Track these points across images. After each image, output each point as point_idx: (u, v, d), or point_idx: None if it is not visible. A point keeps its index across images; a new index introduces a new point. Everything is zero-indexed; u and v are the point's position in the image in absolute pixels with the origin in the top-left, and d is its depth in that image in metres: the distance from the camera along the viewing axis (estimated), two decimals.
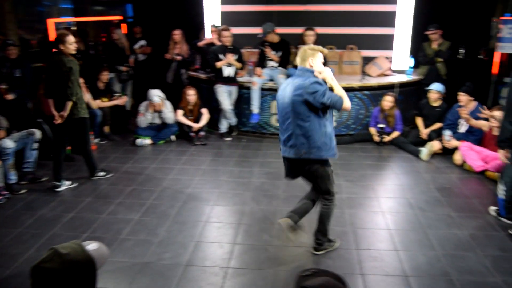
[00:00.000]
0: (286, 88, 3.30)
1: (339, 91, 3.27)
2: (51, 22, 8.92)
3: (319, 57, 3.33)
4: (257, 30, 6.86)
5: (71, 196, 4.68)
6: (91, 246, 1.87)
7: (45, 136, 5.51)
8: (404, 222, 4.08)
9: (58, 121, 4.74)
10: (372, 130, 6.45)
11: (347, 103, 3.26)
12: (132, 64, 8.09)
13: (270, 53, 6.55)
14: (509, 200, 3.94)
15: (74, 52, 4.67)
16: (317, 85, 3.17)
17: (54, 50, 4.72)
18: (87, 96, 6.06)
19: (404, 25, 7.47)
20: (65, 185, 4.92)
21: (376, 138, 6.35)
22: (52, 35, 8.75)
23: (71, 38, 4.62)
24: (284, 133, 3.39)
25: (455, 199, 4.56)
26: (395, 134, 6.31)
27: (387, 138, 6.30)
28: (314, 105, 3.16)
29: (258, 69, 6.65)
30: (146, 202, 4.51)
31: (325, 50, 3.40)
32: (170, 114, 6.55)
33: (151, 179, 5.14)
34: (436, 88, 6.20)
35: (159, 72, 8.16)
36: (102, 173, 5.20)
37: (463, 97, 5.74)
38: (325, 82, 3.30)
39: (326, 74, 3.31)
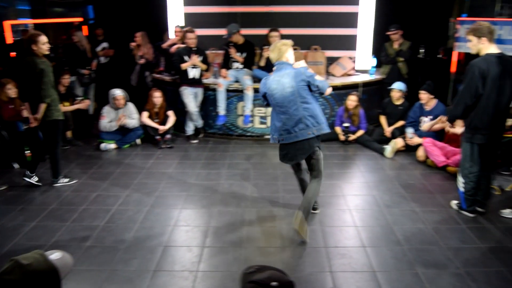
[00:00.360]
0: (282, 80, 3.75)
1: (319, 78, 3.83)
2: (7, 24, 8.59)
3: (291, 51, 3.90)
4: (221, 31, 6.84)
5: (33, 205, 4.51)
6: (54, 255, 1.81)
7: (3, 142, 5.31)
8: (371, 218, 4.15)
9: (34, 124, 4.69)
10: (338, 129, 6.55)
11: (329, 88, 3.90)
12: (94, 67, 7.90)
13: (235, 54, 6.54)
14: (469, 192, 4.08)
15: (47, 52, 4.61)
16: (308, 71, 3.77)
17: (12, 54, 4.59)
18: None
19: (366, 25, 7.63)
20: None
21: (342, 137, 6.45)
22: (8, 37, 8.43)
23: (43, 38, 4.55)
24: (289, 121, 3.77)
25: (419, 195, 4.68)
26: (360, 132, 6.43)
27: (352, 137, 6.41)
28: (311, 87, 3.76)
29: (224, 71, 6.63)
30: (111, 208, 4.41)
31: (292, 42, 3.96)
32: (135, 116, 6.45)
33: (116, 184, 5.04)
34: (398, 87, 6.35)
35: (122, 75, 8.00)
36: (65, 180, 5.05)
37: (424, 95, 5.91)
38: None
39: (302, 64, 3.86)
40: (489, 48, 3.84)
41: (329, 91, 3.90)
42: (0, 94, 5.60)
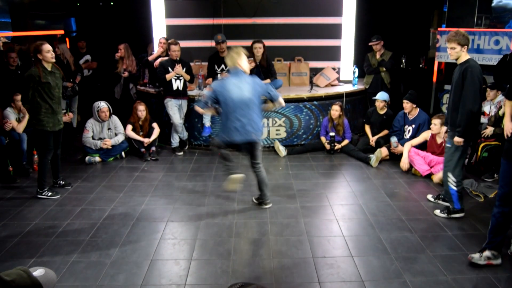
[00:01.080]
0: (241, 85, 4.23)
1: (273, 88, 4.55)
2: None
3: (245, 59, 4.36)
4: (205, 43, 6.87)
5: (15, 220, 4.42)
6: (37, 272, 1.79)
7: None
8: (358, 228, 4.17)
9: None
10: (323, 139, 6.60)
11: (281, 98, 4.55)
12: (78, 81, 7.81)
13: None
14: (460, 189, 4.22)
15: (52, 60, 4.80)
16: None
17: None
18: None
19: (348, 36, 7.73)
20: (46, 195, 4.98)
21: (327, 147, 6.49)
22: None
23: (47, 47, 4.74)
24: (237, 121, 4.23)
25: (405, 203, 4.73)
26: (345, 142, 6.48)
27: (337, 146, 6.46)
28: (267, 94, 4.41)
29: (210, 80, 6.64)
30: (96, 222, 4.34)
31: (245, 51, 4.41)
32: (120, 129, 6.41)
33: (101, 198, 4.97)
34: (381, 97, 6.44)
35: (105, 88, 7.94)
36: (49, 193, 4.97)
37: (407, 105, 6.00)
38: None
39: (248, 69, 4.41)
40: (467, 55, 4.07)
41: (281, 100, 4.54)
42: None
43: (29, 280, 1.71)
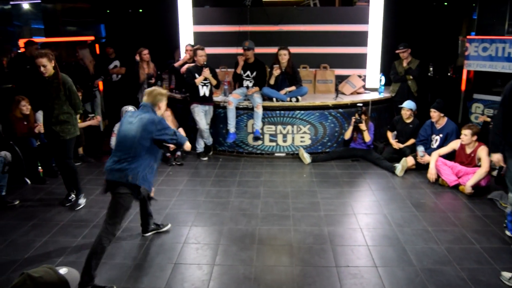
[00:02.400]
0: (133, 122, 3.46)
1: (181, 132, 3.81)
2: (22, 43, 8.77)
3: (165, 101, 3.71)
4: (231, 50, 6.92)
5: (44, 220, 4.54)
6: (61, 271, 1.85)
7: (17, 159, 5.37)
8: (382, 238, 4.11)
9: None
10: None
11: (187, 143, 3.84)
12: (96, 85, 7.94)
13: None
14: None
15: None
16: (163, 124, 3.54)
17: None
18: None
19: (375, 44, 7.67)
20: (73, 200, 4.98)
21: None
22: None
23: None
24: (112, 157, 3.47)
25: (431, 214, 4.64)
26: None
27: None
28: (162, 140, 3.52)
29: (235, 95, 6.65)
30: (122, 224, 4.40)
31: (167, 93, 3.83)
32: None
33: None
34: (407, 106, 6.35)
35: (133, 93, 8.08)
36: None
37: (434, 114, 5.90)
38: None
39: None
40: None
41: (187, 146, 3.82)
42: (14, 111, 5.69)
43: (56, 276, 1.76)
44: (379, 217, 4.59)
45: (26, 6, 10.07)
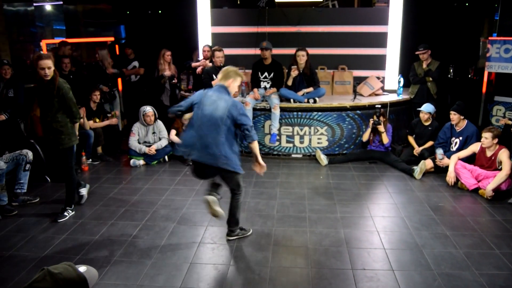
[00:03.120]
0: (217, 102, 3.73)
1: (250, 126, 3.87)
2: (44, 43, 8.96)
3: (238, 83, 3.92)
4: (249, 51, 6.93)
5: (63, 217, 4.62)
6: (80, 269, 1.88)
7: (38, 157, 5.47)
8: (399, 241, 4.07)
9: None
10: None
11: (255, 142, 3.91)
12: (114, 85, 8.04)
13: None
14: None
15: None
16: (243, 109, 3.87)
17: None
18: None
19: (394, 45, 7.60)
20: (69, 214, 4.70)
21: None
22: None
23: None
24: (202, 141, 3.72)
25: (450, 218, 4.57)
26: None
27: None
28: (239, 124, 3.75)
29: (255, 90, 6.68)
30: (139, 223, 4.46)
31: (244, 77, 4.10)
32: (164, 133, 6.59)
33: (144, 200, 5.11)
34: (426, 109, 6.27)
35: (152, 93, 8.17)
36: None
37: (454, 116, 5.81)
38: None
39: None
40: None
41: (255, 145, 3.86)
42: (35, 110, 5.80)
43: (75, 273, 1.80)
44: (396, 220, 4.54)
45: (48, 7, 10.28)
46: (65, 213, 4.64)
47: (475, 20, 8.71)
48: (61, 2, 10.17)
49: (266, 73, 6.73)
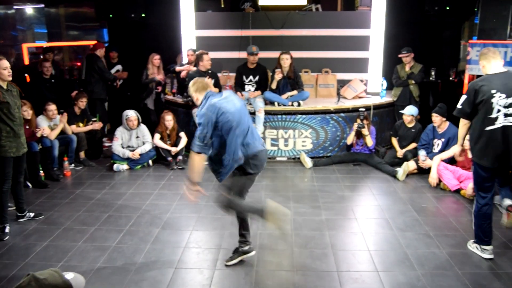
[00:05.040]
0: (229, 98, 3.50)
1: None
2: (25, 47, 8.84)
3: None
4: (233, 54, 6.92)
5: (45, 224, 4.54)
6: (67, 276, 1.87)
7: None
8: (384, 242, 4.10)
9: None
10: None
11: None
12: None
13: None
14: None
15: (8, 78, 4.18)
16: None
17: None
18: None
19: (377, 48, 7.68)
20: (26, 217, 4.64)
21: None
22: (25, 60, 8.66)
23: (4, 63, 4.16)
24: (251, 133, 3.58)
25: (433, 218, 4.63)
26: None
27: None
28: None
29: (239, 94, 6.68)
30: (123, 228, 4.41)
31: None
32: (147, 138, 6.53)
33: (128, 205, 5.05)
34: (408, 112, 6.33)
35: (135, 97, 8.11)
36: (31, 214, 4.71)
37: (436, 118, 5.89)
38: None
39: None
40: None
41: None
42: None
43: (61, 279, 1.79)
44: (380, 221, 4.58)
45: (29, 10, 10.12)
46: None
47: (455, 23, 8.86)
48: (43, 5, 10.02)
49: (251, 77, 6.73)
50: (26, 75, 7.82)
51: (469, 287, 3.32)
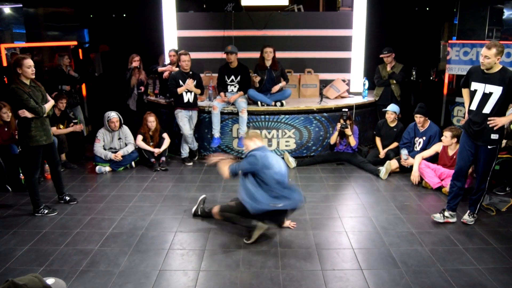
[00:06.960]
0: (276, 158, 4.15)
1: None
2: (3, 47, 8.65)
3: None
4: (216, 54, 6.90)
5: (25, 228, 4.45)
6: (48, 281, 1.83)
7: None
8: (367, 241, 4.13)
9: None
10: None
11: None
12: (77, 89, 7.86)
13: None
14: None
15: (32, 76, 4.51)
16: None
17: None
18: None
19: (358, 48, 7.75)
20: (43, 213, 4.78)
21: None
22: (4, 61, 8.47)
23: (28, 62, 4.45)
24: (287, 193, 4.07)
25: (415, 216, 4.68)
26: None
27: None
28: None
29: (222, 95, 6.68)
30: (106, 231, 4.36)
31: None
32: (130, 139, 6.46)
33: (110, 208, 4.99)
34: (391, 109, 6.41)
35: (118, 98, 8.02)
36: (45, 211, 4.82)
37: (420, 119, 5.99)
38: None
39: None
40: None
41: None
42: None
43: (41, 285, 1.75)
44: (364, 220, 4.61)
45: (7, 10, 9.94)
46: None
47: (435, 24, 9.00)
48: (21, 5, 9.85)
49: (233, 77, 6.72)
50: (4, 77, 7.67)
51: (451, 284, 3.37)
